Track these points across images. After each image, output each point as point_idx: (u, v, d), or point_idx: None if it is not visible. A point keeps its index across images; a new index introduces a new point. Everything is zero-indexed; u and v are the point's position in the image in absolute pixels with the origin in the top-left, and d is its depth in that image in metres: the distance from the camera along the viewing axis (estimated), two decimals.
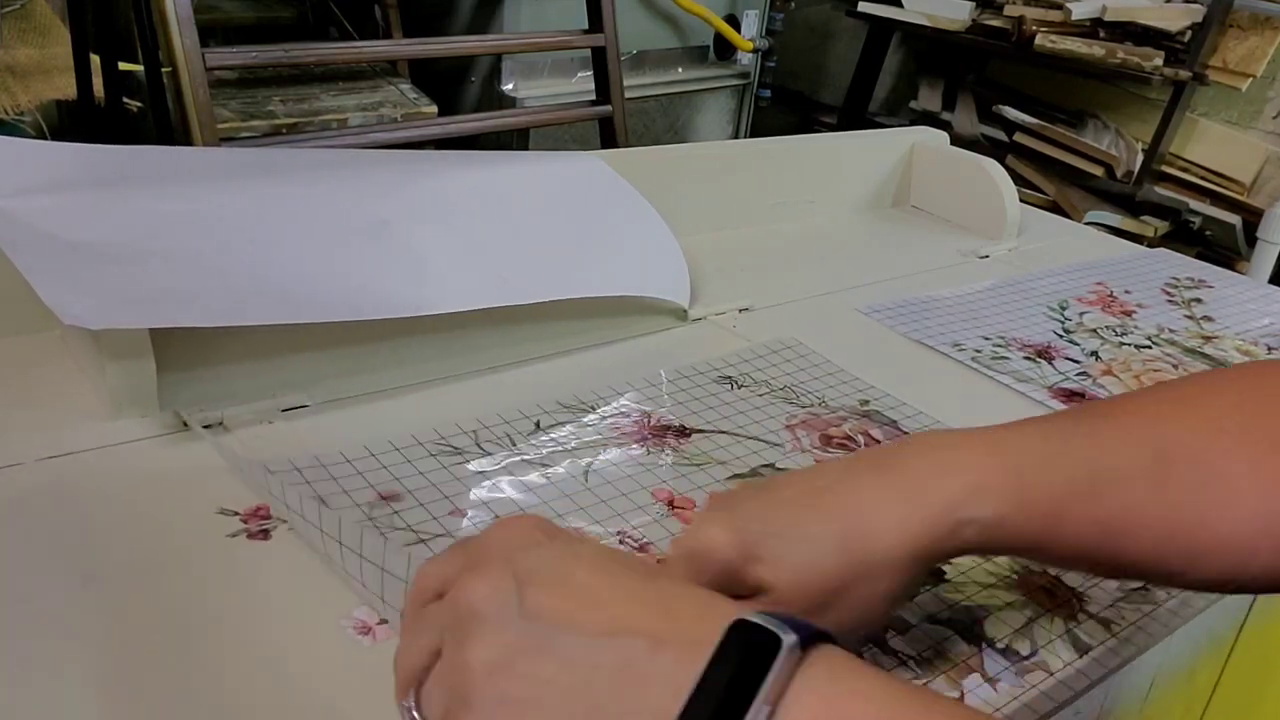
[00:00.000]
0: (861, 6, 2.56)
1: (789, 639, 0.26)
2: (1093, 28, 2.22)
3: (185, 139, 1.39)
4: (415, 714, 0.30)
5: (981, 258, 0.90)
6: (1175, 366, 0.71)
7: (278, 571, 0.43)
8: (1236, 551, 0.36)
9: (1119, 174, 2.31)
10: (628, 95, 1.79)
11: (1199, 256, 1.19)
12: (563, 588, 0.29)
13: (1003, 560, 0.48)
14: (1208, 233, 2.26)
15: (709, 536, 0.36)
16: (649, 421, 0.57)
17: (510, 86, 1.93)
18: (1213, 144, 2.26)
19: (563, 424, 0.56)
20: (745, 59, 2.30)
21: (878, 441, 0.57)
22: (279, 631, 0.40)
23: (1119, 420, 0.39)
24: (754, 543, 0.35)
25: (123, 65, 1.40)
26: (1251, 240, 2.13)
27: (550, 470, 0.52)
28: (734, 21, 2.22)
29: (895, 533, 0.35)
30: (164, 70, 1.36)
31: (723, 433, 0.57)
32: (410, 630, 0.31)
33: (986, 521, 0.36)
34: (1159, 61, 2.14)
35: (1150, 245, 1.15)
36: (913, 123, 2.28)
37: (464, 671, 0.28)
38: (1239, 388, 0.39)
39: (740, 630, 0.27)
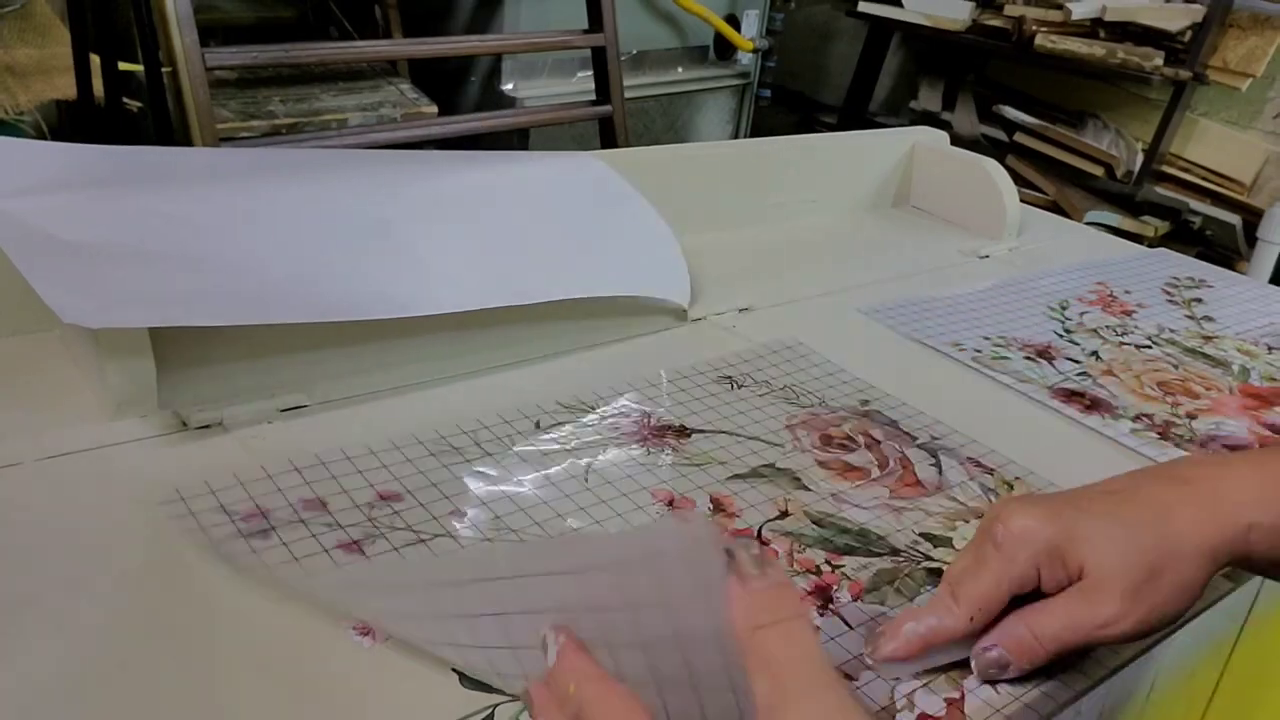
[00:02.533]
0: (862, 6, 2.56)
1: None
2: (1093, 28, 2.22)
3: (185, 139, 1.39)
4: None
5: (981, 258, 0.90)
6: (1175, 366, 0.71)
7: (277, 572, 0.43)
8: None
9: (1119, 174, 2.31)
10: (628, 95, 1.79)
11: (1199, 256, 1.19)
12: None
13: None
14: (1208, 233, 2.26)
15: (1023, 523, 0.38)
16: (649, 421, 0.57)
17: (510, 86, 1.93)
18: (1213, 144, 2.26)
19: (562, 424, 0.56)
20: (745, 59, 2.30)
21: (878, 442, 0.57)
22: (279, 632, 0.40)
23: None
24: (1071, 523, 0.38)
25: (123, 65, 1.40)
26: (1252, 240, 2.13)
27: (550, 470, 0.52)
28: (734, 21, 2.22)
29: (1197, 529, 0.38)
30: (164, 70, 1.36)
31: (723, 433, 0.57)
32: None
33: (1270, 528, 0.39)
34: (1159, 61, 2.14)
35: (1150, 245, 1.15)
36: (913, 123, 2.28)
37: None
38: None
39: None
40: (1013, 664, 0.39)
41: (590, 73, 1.79)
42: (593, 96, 1.77)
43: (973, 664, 0.40)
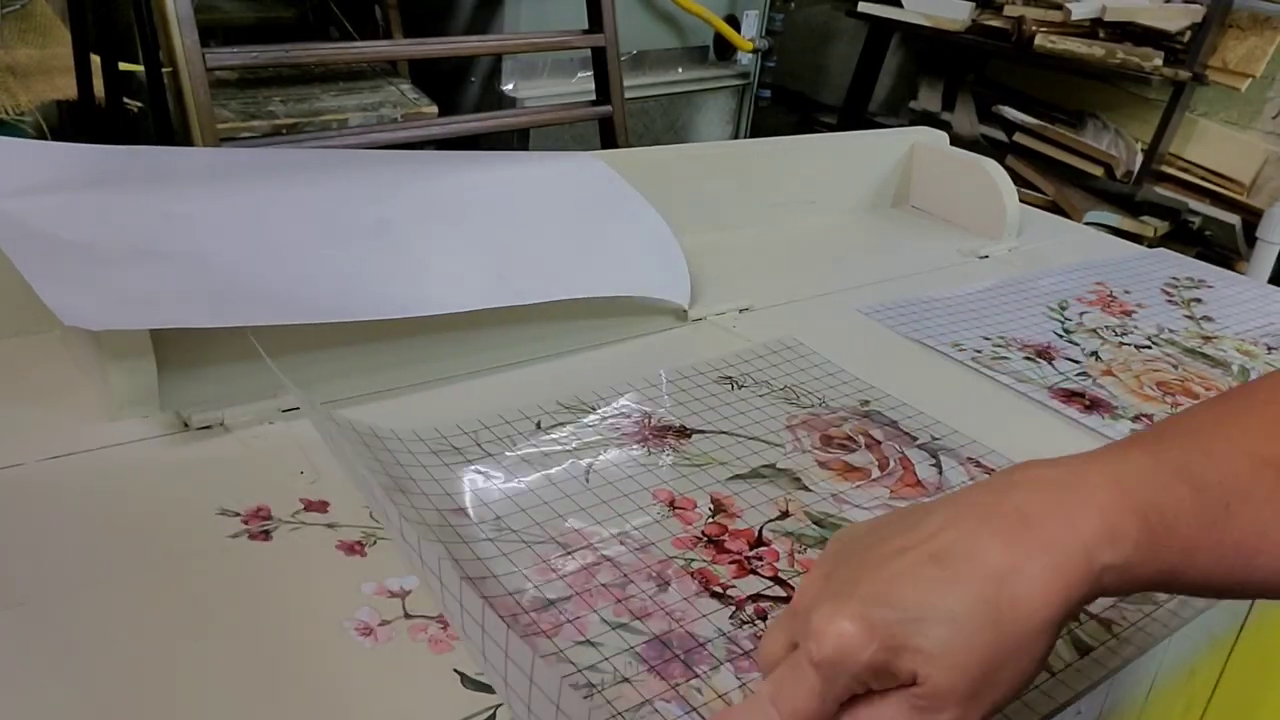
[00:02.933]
0: (861, 6, 2.56)
1: None
2: (1092, 28, 2.22)
3: (185, 139, 1.39)
4: None
5: (981, 258, 0.90)
6: (1175, 366, 0.71)
7: (279, 572, 0.43)
8: None
9: (1119, 174, 2.31)
10: (628, 95, 1.79)
11: (1198, 256, 1.19)
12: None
13: None
14: (1207, 233, 2.26)
15: (841, 636, 0.31)
16: (649, 422, 0.57)
17: (510, 86, 1.93)
18: (1212, 144, 2.26)
19: (563, 424, 0.56)
20: (745, 59, 2.30)
21: (878, 442, 0.57)
22: (280, 632, 0.40)
23: (1230, 434, 0.36)
24: (894, 631, 0.31)
25: (123, 65, 1.40)
26: (1251, 240, 2.13)
27: (551, 471, 0.52)
28: (734, 21, 2.22)
29: (1043, 594, 0.32)
30: (164, 70, 1.36)
31: (723, 433, 0.57)
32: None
33: (1123, 565, 0.33)
34: (1158, 61, 2.14)
35: (1150, 245, 1.15)
36: (912, 123, 2.28)
37: None
38: None
39: None
40: None
41: (590, 73, 1.79)
42: (593, 97, 1.77)
43: None
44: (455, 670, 0.39)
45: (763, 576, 0.46)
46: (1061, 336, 0.74)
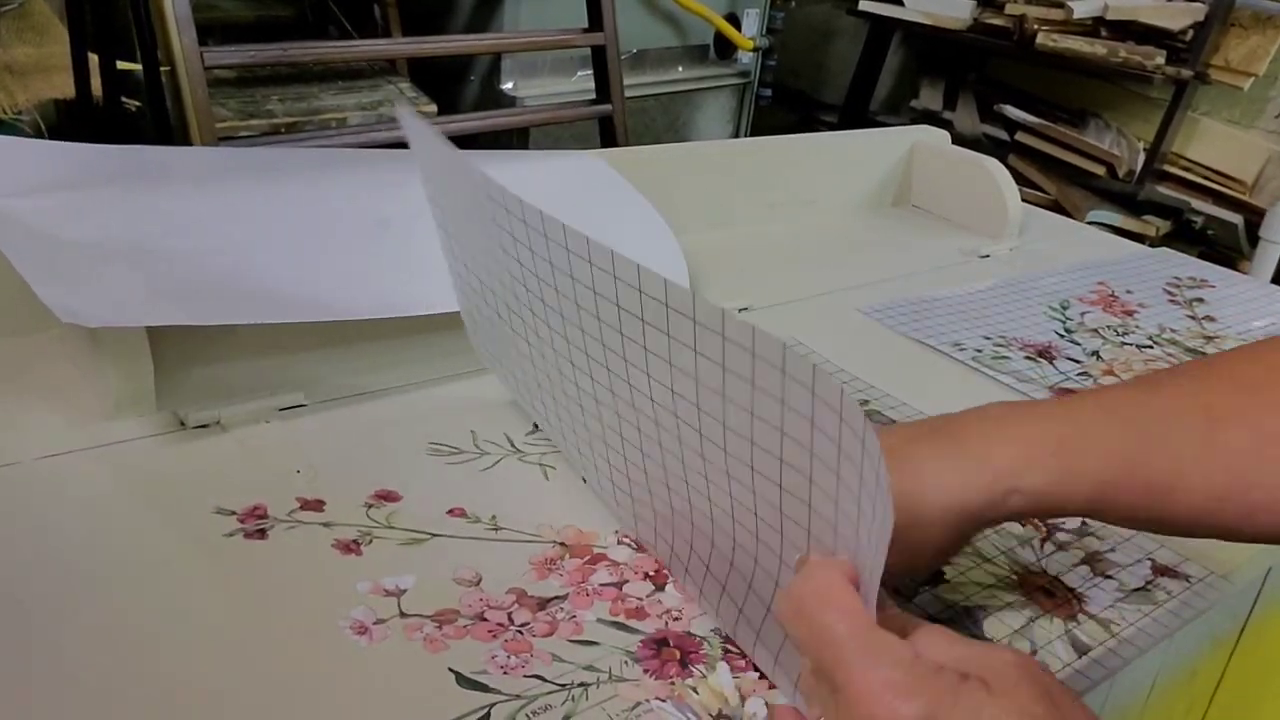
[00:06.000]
0: (862, 5, 2.55)
1: None
2: (1094, 26, 2.22)
3: (184, 138, 1.39)
4: None
5: (982, 257, 0.90)
6: None
7: (274, 571, 0.43)
8: None
9: (1121, 173, 2.30)
10: (628, 94, 1.79)
11: (1201, 256, 1.19)
12: None
13: (1002, 561, 0.48)
14: (1210, 232, 2.26)
15: None
16: None
17: (510, 85, 1.93)
18: (1215, 143, 2.26)
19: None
20: (745, 58, 2.30)
21: None
22: (276, 632, 0.40)
23: (1166, 388, 0.40)
24: None
25: (121, 64, 1.40)
26: (1254, 240, 2.13)
27: (549, 471, 0.52)
28: (734, 20, 2.22)
29: (946, 495, 0.38)
30: (162, 69, 1.36)
31: None
32: None
33: (1034, 491, 0.38)
34: (1161, 60, 2.14)
35: (1152, 245, 1.15)
36: (913, 122, 2.28)
37: None
38: None
39: None
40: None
41: (590, 72, 1.79)
42: (593, 96, 1.77)
43: None
44: (450, 669, 0.39)
45: None
46: (1063, 336, 0.74)
